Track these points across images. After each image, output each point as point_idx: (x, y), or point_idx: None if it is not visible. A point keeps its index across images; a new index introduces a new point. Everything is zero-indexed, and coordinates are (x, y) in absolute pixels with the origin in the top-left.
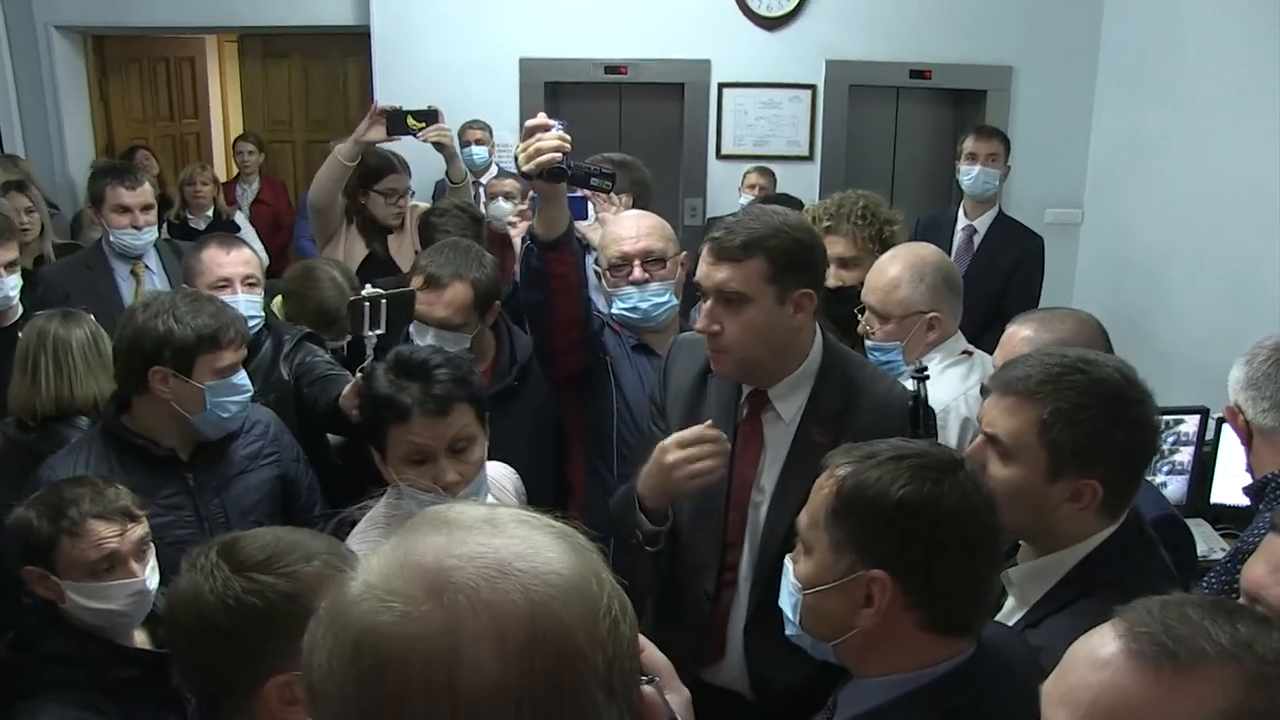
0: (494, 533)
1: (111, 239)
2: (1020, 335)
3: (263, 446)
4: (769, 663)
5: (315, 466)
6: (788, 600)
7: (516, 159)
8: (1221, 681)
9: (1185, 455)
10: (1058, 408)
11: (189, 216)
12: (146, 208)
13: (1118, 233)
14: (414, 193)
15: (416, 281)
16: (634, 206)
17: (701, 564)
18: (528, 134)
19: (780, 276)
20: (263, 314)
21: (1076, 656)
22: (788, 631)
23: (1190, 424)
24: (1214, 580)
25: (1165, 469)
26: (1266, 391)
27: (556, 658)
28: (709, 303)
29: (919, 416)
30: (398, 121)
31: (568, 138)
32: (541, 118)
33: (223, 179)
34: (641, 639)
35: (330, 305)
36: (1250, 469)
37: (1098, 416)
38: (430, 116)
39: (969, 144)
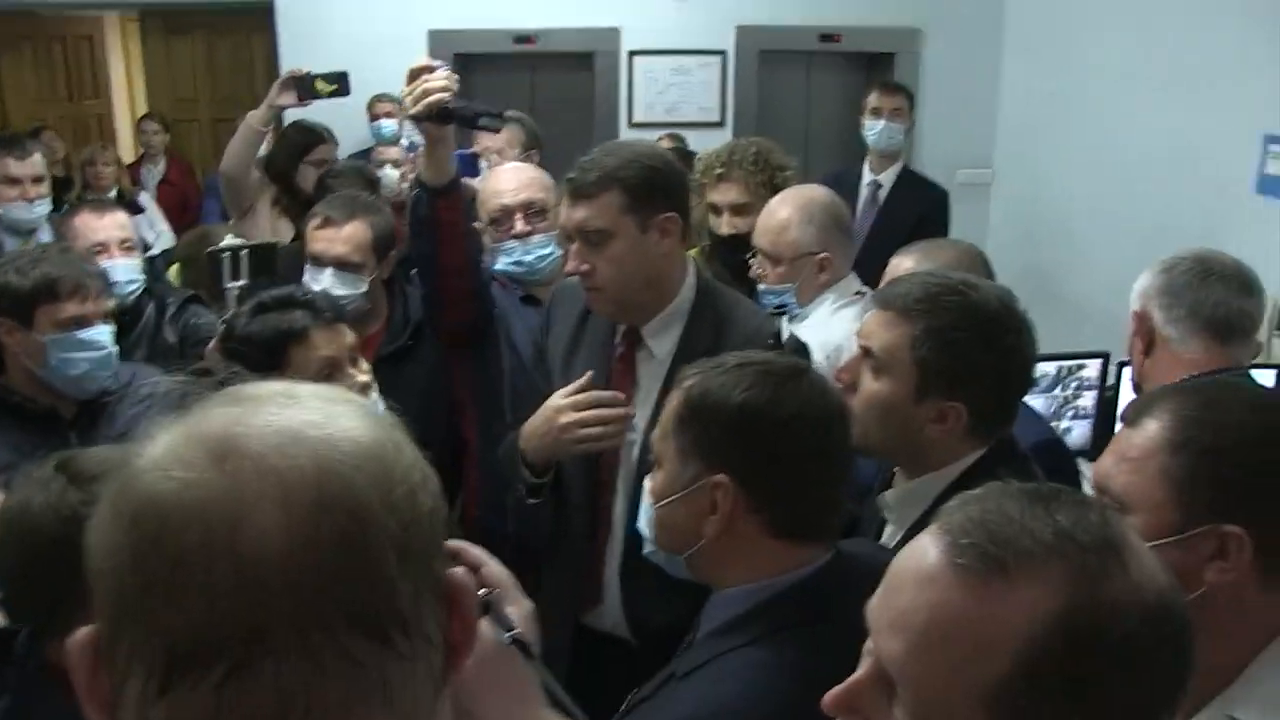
0: (288, 404)
1: (0, 212)
2: (903, 266)
3: (150, 405)
4: (644, 602)
5: None
6: (644, 518)
7: (403, 102)
8: (1049, 581)
9: (1088, 400)
10: (930, 325)
11: (91, 197)
12: (37, 179)
13: (1028, 191)
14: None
15: (313, 224)
16: (535, 160)
17: (575, 505)
18: (413, 76)
19: (638, 206)
20: (141, 278)
21: (901, 575)
22: (645, 550)
23: (1092, 368)
24: None
25: (1070, 414)
26: (1185, 299)
27: (346, 519)
28: (576, 244)
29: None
30: (307, 86)
31: (455, 77)
32: (425, 59)
33: (128, 160)
34: (481, 554)
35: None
36: (1137, 383)
37: (969, 339)
38: (339, 79)
39: (873, 99)
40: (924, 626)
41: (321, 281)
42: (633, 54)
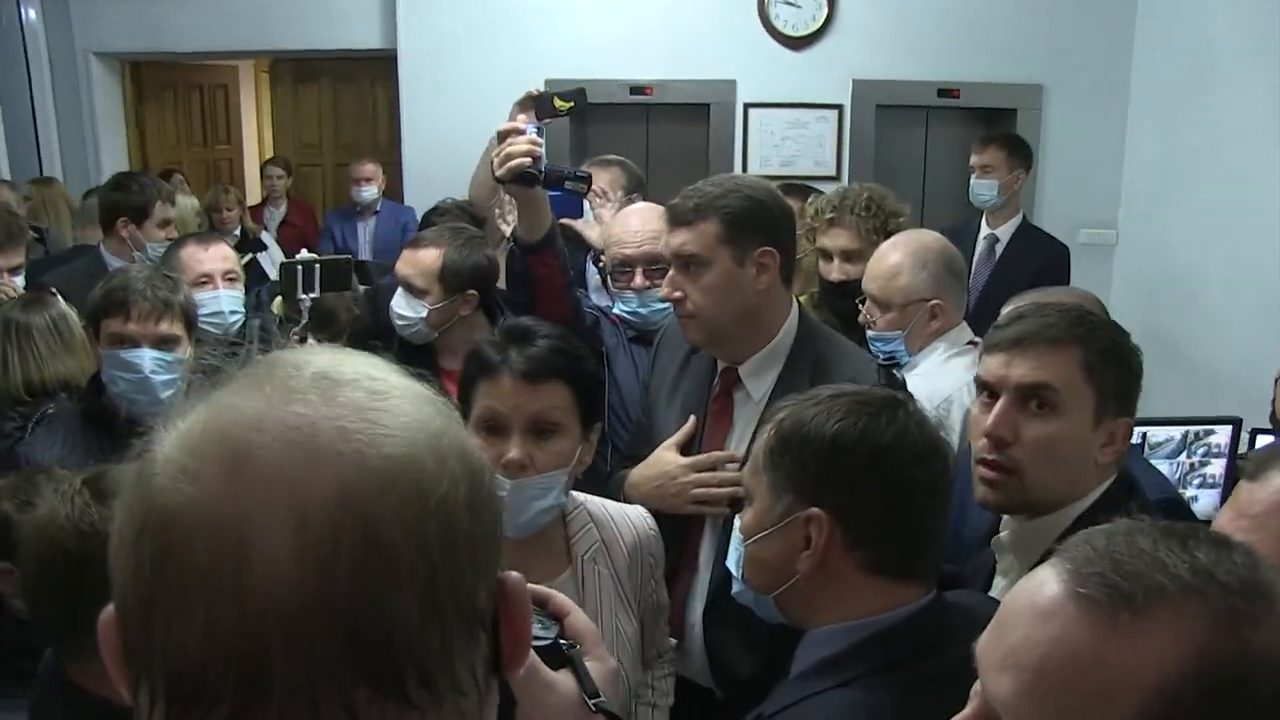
0: (324, 398)
1: (149, 251)
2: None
3: None
4: (729, 651)
5: None
6: (733, 556)
7: (492, 164)
8: (1185, 620)
9: (1217, 468)
10: (1101, 347)
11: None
12: (163, 223)
13: (1153, 253)
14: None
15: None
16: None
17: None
18: (501, 138)
19: (735, 236)
20: (244, 310)
21: (1015, 608)
22: (734, 590)
23: (1222, 435)
24: None
25: (1196, 482)
26: None
27: (364, 555)
28: (671, 270)
29: None
30: (545, 105)
31: (540, 141)
32: (514, 122)
33: (253, 202)
34: (567, 602)
35: (326, 303)
36: None
37: (1131, 353)
38: (576, 95)
39: (971, 156)
40: (1039, 664)
41: (398, 300)
42: (748, 106)
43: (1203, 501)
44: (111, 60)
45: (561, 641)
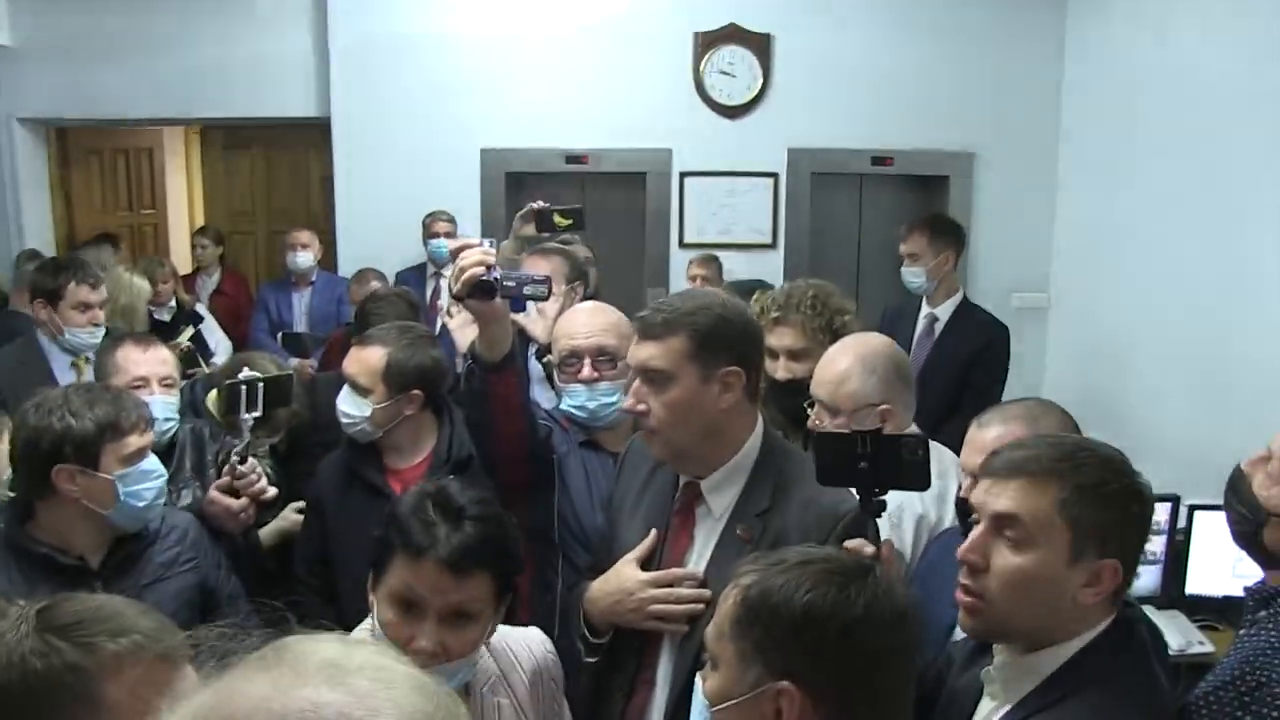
0: (331, 685)
1: (67, 336)
2: (989, 436)
3: (180, 552)
4: None
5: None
6: (702, 717)
7: (450, 286)
8: None
9: (1158, 545)
10: (1081, 483)
11: (151, 309)
12: (103, 304)
13: (1086, 316)
14: None
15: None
16: (580, 293)
17: (618, 662)
18: (452, 257)
19: (702, 354)
20: (178, 417)
21: None
22: None
23: (1161, 512)
24: (1210, 707)
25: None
26: None
27: None
28: (635, 382)
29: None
30: (546, 219)
31: (492, 252)
32: (462, 239)
33: (184, 270)
34: None
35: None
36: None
37: (1119, 492)
38: (575, 215)
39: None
40: None
41: (341, 398)
42: (684, 175)
43: (1145, 578)
44: (36, 125)
45: None
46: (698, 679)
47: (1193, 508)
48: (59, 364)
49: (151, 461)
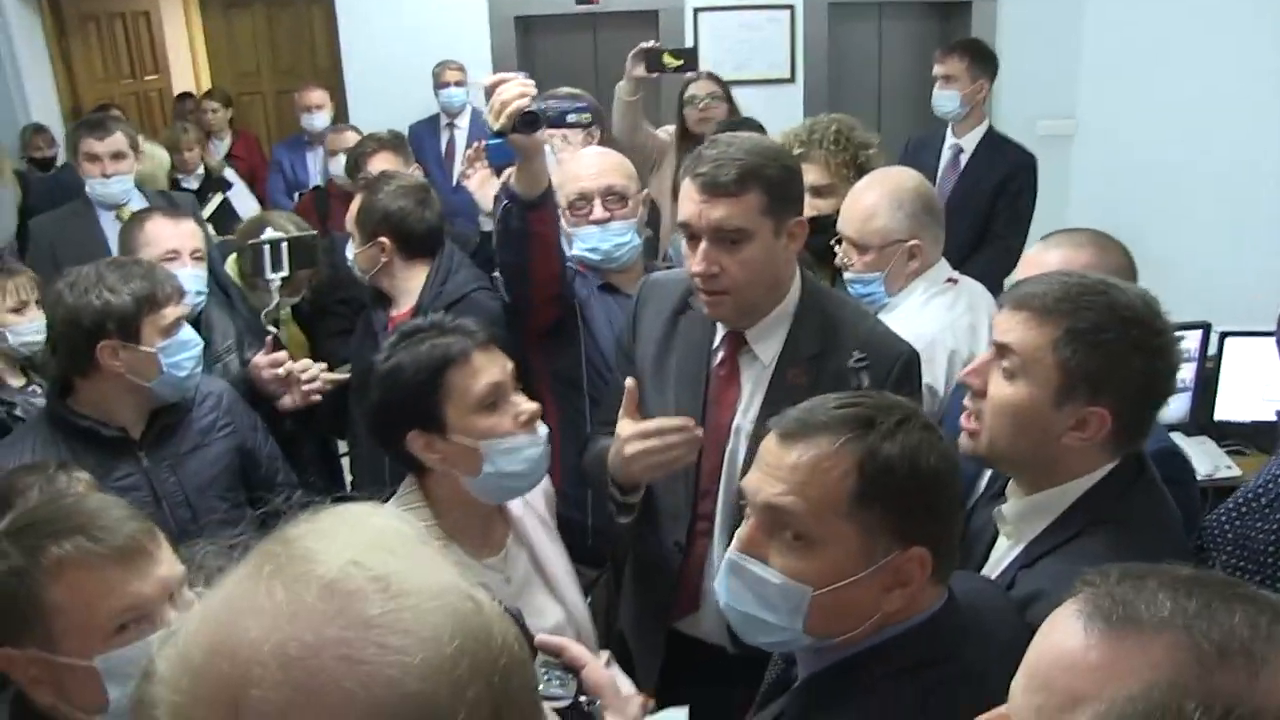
0: (333, 613)
1: (87, 188)
2: (1051, 258)
3: (217, 418)
4: None
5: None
6: (781, 607)
7: (487, 123)
8: (1155, 650)
9: (1188, 372)
10: (1074, 326)
11: (179, 177)
12: (116, 156)
13: (1113, 143)
14: None
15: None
16: (595, 137)
17: (673, 513)
18: (487, 95)
19: (777, 207)
20: (207, 289)
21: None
22: (766, 640)
23: (1192, 340)
24: (1230, 518)
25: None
26: None
27: None
28: (704, 244)
29: None
30: (655, 59)
31: (530, 83)
32: (497, 75)
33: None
34: (583, 653)
35: None
36: None
37: (1116, 340)
38: (687, 55)
39: (934, 64)
40: (1034, 660)
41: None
42: (698, 10)
43: (1174, 405)
44: None
45: (581, 698)
46: (762, 571)
47: (1223, 334)
48: (105, 218)
49: (188, 331)
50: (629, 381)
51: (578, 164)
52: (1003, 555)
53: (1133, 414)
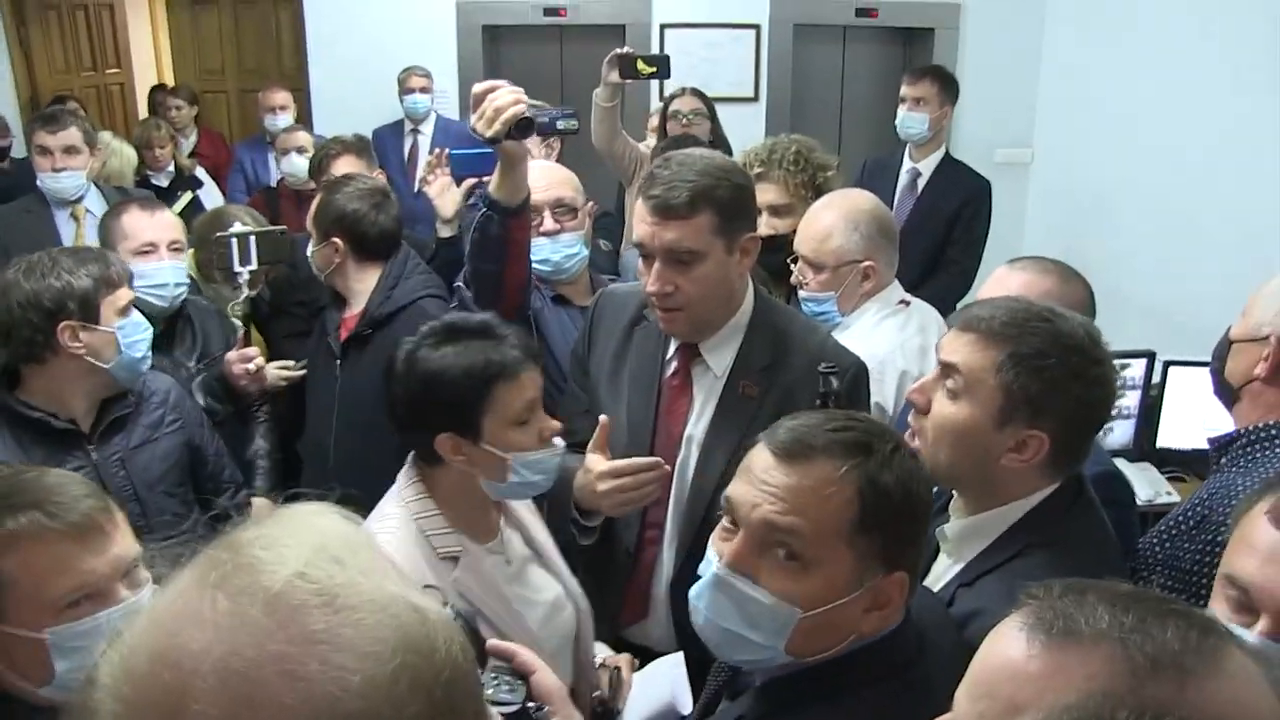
0: (275, 626)
1: (39, 181)
2: (1016, 281)
3: (164, 414)
4: None
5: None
6: (767, 626)
7: (473, 129)
8: (1092, 662)
9: (1132, 400)
10: (1017, 351)
11: (149, 174)
12: (68, 150)
13: (1068, 172)
14: None
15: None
16: (555, 149)
17: (623, 521)
18: (477, 102)
19: (728, 226)
20: (189, 280)
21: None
22: (741, 658)
23: (1137, 368)
24: (1161, 540)
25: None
26: None
27: None
28: (658, 264)
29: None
30: (629, 65)
31: (520, 90)
32: (489, 82)
33: None
34: (532, 658)
35: None
36: (1230, 396)
37: (1056, 366)
38: (660, 62)
39: (902, 86)
40: (977, 669)
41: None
42: (664, 26)
43: (1118, 432)
44: None
45: (529, 705)
46: (755, 592)
47: (1167, 363)
48: (60, 215)
49: (138, 315)
50: (602, 418)
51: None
52: (943, 572)
53: (1070, 439)
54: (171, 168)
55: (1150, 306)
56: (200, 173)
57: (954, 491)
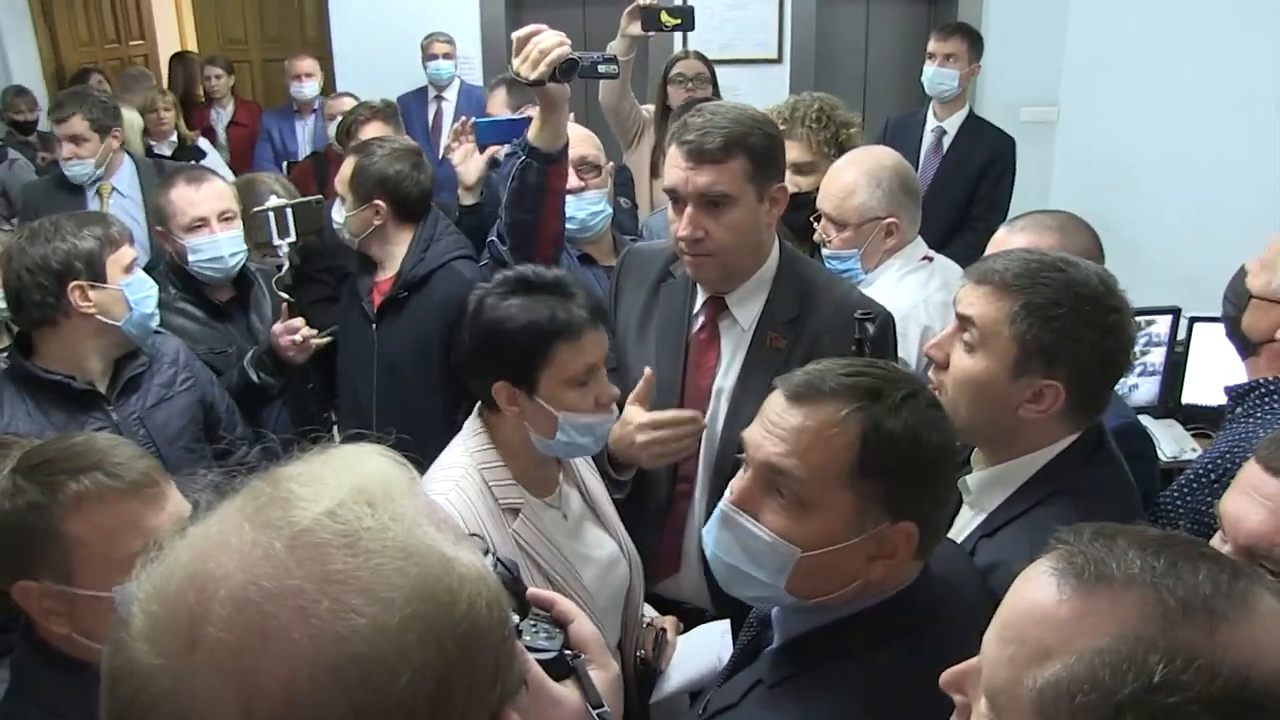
0: (294, 563)
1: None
2: (1012, 241)
3: (176, 372)
4: None
5: None
6: (768, 564)
7: (517, 74)
8: (1122, 606)
9: (1157, 356)
10: (1030, 301)
11: (152, 144)
12: (73, 139)
13: (1094, 131)
14: None
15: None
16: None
17: (654, 475)
18: (520, 45)
19: (760, 174)
20: (245, 248)
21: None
22: (747, 594)
23: (1162, 325)
24: (1182, 494)
25: (1137, 370)
26: None
27: None
28: (690, 208)
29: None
30: (651, 17)
31: (561, 33)
32: (530, 26)
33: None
34: (571, 608)
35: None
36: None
37: (1069, 316)
38: (684, 14)
39: (930, 42)
40: (1006, 614)
41: (335, 207)
42: None
43: (1143, 389)
44: None
45: (566, 652)
46: (752, 525)
47: (1193, 319)
48: (89, 193)
49: (142, 273)
50: (646, 370)
51: None
52: (966, 524)
53: (1086, 388)
54: (175, 138)
55: (1176, 264)
56: (203, 143)
57: (974, 444)
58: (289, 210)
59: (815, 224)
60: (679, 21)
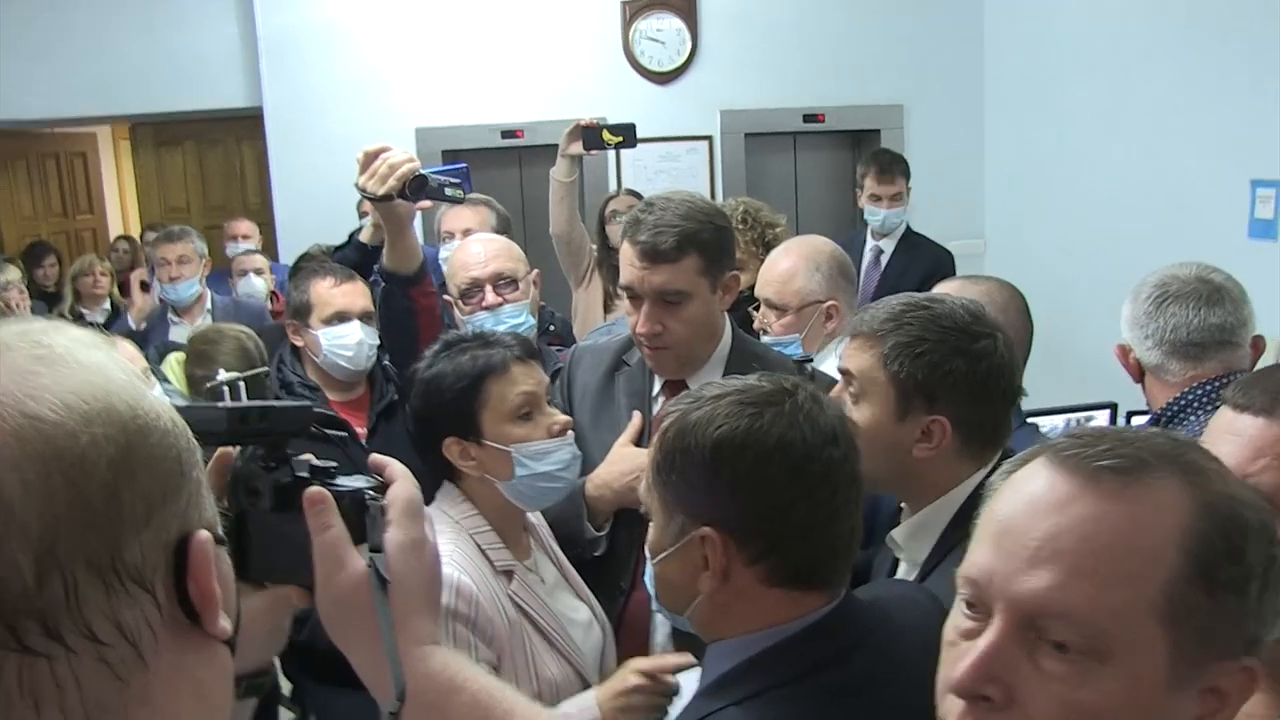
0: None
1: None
2: None
3: None
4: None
5: None
6: (649, 574)
7: (363, 189)
8: (1170, 482)
9: None
10: (898, 341)
11: (84, 311)
12: (181, 261)
13: (1022, 255)
14: None
15: (328, 281)
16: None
17: (618, 556)
18: (367, 161)
19: (712, 267)
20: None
21: (1021, 508)
22: (654, 606)
23: (1101, 418)
24: None
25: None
26: (1149, 329)
27: None
28: (647, 305)
29: None
30: (594, 137)
31: (410, 151)
32: (378, 144)
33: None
34: (399, 469)
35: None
36: (1148, 406)
37: (936, 349)
38: (626, 131)
39: (870, 184)
40: (1080, 544)
41: (352, 334)
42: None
43: None
44: None
45: (368, 493)
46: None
47: (1130, 413)
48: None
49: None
50: (635, 414)
51: (465, 253)
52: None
53: (973, 418)
54: (107, 304)
55: (1113, 369)
56: (129, 318)
57: (889, 495)
58: (242, 383)
59: (754, 314)
60: (621, 140)
